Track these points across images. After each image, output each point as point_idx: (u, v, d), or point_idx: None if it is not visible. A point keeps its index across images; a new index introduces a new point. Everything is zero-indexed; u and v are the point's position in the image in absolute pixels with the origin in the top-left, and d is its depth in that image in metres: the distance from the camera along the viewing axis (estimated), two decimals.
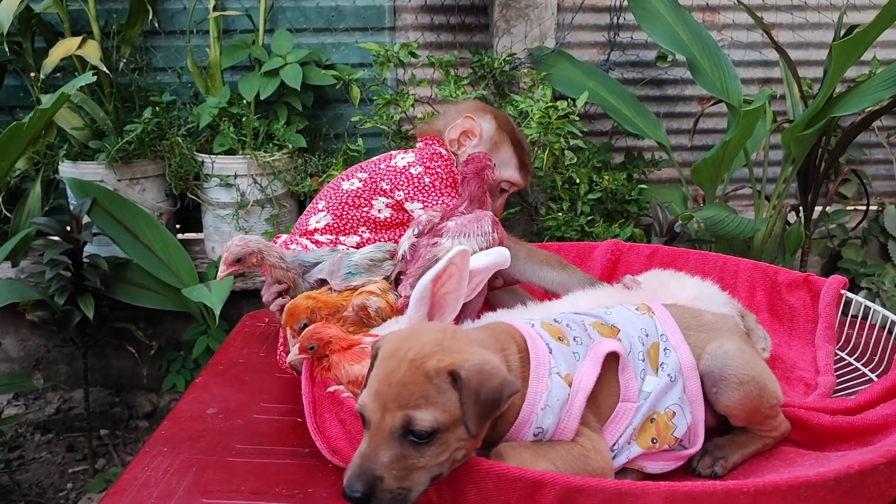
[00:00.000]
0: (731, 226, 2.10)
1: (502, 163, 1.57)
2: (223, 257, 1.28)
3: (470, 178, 1.39)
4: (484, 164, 1.40)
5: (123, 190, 2.46)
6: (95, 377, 2.66)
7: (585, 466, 0.97)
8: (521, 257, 1.41)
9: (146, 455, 1.15)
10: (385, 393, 0.90)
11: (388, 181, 1.50)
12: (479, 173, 1.39)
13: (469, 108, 1.63)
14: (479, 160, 1.40)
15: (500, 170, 1.54)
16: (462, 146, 1.58)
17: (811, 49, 2.82)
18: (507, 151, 1.59)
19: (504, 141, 1.58)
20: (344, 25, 2.70)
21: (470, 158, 1.42)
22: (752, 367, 1.07)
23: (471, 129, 1.57)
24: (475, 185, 1.38)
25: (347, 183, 1.53)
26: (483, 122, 1.59)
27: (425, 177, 1.49)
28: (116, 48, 2.54)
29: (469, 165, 1.40)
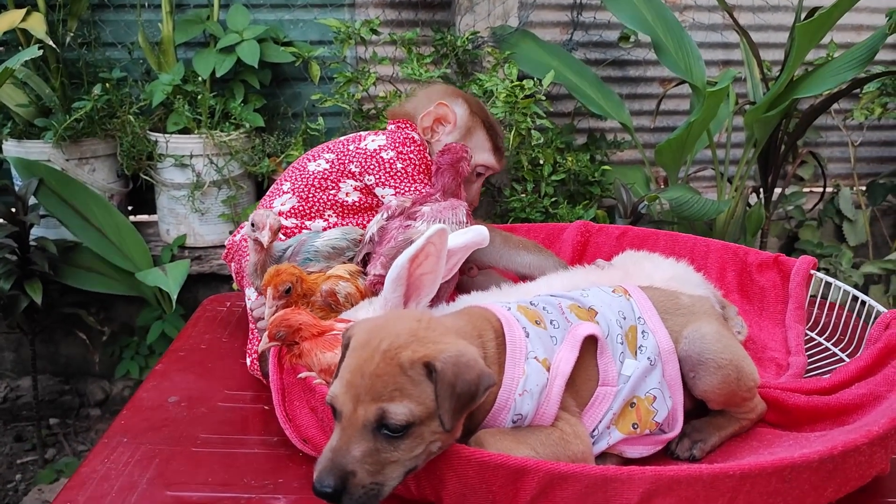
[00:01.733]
0: (696, 207, 2.10)
1: (476, 147, 1.54)
2: (269, 224, 1.20)
3: (444, 170, 1.35)
4: (460, 155, 1.36)
5: (72, 170, 2.36)
6: (44, 364, 2.56)
7: (566, 451, 0.95)
8: (497, 242, 1.39)
9: (105, 446, 1.10)
10: (357, 384, 0.86)
11: (358, 164, 1.45)
12: (454, 165, 1.35)
13: (440, 93, 1.58)
14: (456, 151, 1.37)
15: (474, 154, 1.51)
16: (436, 133, 1.54)
17: (770, 31, 2.84)
18: (480, 135, 1.55)
19: (477, 125, 1.55)
20: (302, 2, 2.63)
21: (446, 149, 1.38)
22: (729, 351, 1.06)
23: (444, 115, 1.53)
24: (449, 177, 1.35)
25: (314, 164, 1.47)
26: (456, 108, 1.55)
27: (397, 162, 1.45)
28: (63, 21, 2.42)
29: (444, 156, 1.36)
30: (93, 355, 2.51)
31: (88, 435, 2.50)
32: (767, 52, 2.75)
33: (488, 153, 1.56)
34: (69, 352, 2.59)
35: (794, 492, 0.87)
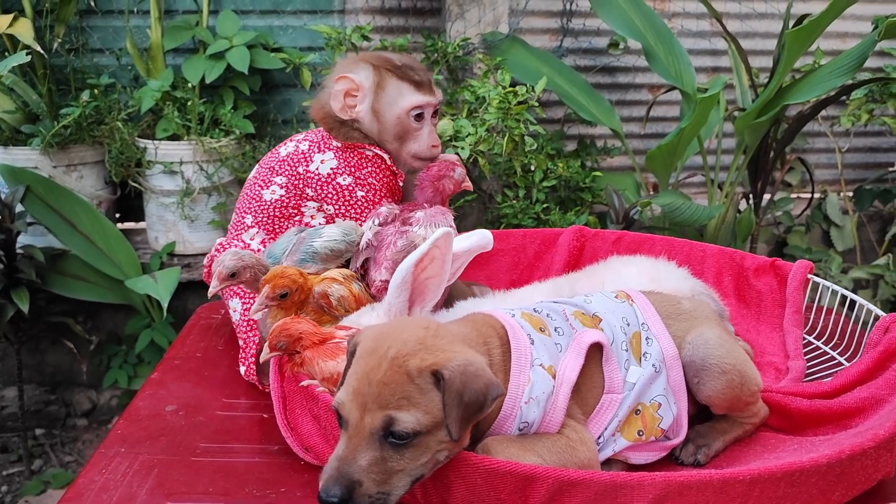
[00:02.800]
0: (688, 213, 2.11)
1: (397, 95, 1.44)
2: (217, 272, 1.21)
3: (426, 186, 1.34)
4: (442, 173, 1.34)
5: (59, 177, 2.33)
6: (30, 374, 2.53)
7: (572, 458, 0.94)
8: None
9: (102, 456, 1.08)
10: (365, 392, 0.85)
11: (314, 189, 1.40)
12: (434, 182, 1.34)
13: (339, 68, 1.49)
14: (440, 167, 1.35)
15: (400, 102, 1.43)
16: (352, 108, 1.44)
17: (757, 38, 2.87)
18: (393, 84, 1.44)
19: (385, 76, 1.45)
20: (292, 8, 2.62)
21: (431, 165, 1.36)
22: (733, 356, 1.06)
23: (348, 88, 1.44)
24: (430, 192, 1.34)
25: (268, 192, 1.42)
26: (359, 73, 1.45)
27: (357, 190, 1.40)
28: (50, 27, 2.40)
29: (428, 172, 1.35)
30: (80, 364, 2.48)
31: (75, 445, 2.46)
32: (755, 58, 2.77)
33: (411, 93, 1.44)
34: (56, 361, 2.56)
35: (803, 496, 0.87)
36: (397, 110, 1.42)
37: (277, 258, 1.27)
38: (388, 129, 1.44)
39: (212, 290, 1.22)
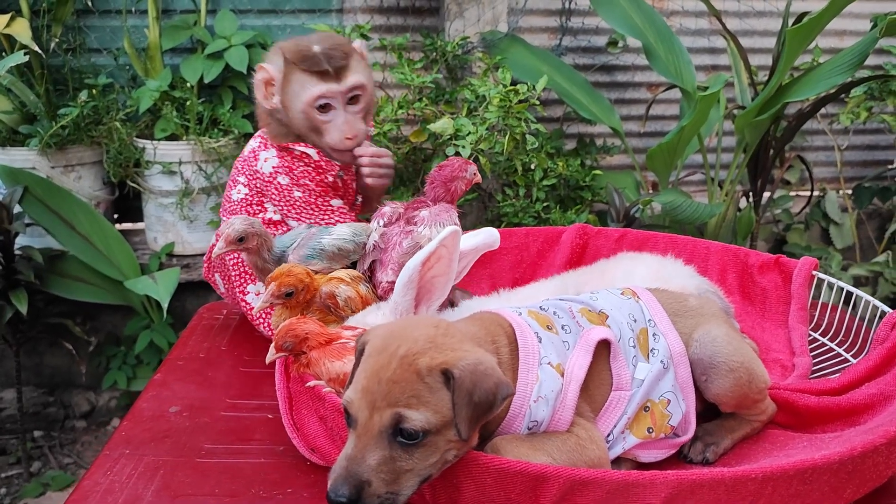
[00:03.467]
0: (689, 211, 2.11)
1: (299, 88, 1.40)
2: (225, 234, 1.20)
3: (437, 185, 1.33)
4: (455, 174, 1.33)
5: (57, 178, 2.32)
6: (28, 376, 2.51)
7: (583, 457, 0.94)
8: None
9: (107, 458, 1.07)
10: (374, 390, 0.84)
11: (263, 189, 1.41)
12: (447, 183, 1.33)
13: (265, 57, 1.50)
14: (453, 168, 1.34)
15: (301, 95, 1.40)
16: (273, 97, 1.43)
17: (756, 37, 2.86)
18: (296, 76, 1.41)
19: (290, 67, 1.42)
20: (290, 7, 2.61)
21: (444, 164, 1.36)
22: (740, 354, 1.06)
23: (266, 78, 1.42)
24: (441, 192, 1.33)
25: (235, 192, 1.43)
26: (273, 63, 1.43)
27: (295, 190, 1.40)
28: (47, 27, 2.39)
29: (441, 171, 1.34)
30: (79, 366, 2.46)
31: (74, 447, 2.45)
32: (753, 56, 2.77)
33: (312, 84, 1.40)
34: (54, 363, 2.54)
35: (814, 493, 0.87)
36: (300, 104, 1.40)
37: (283, 249, 1.26)
38: (299, 123, 1.42)
39: (217, 251, 1.21)
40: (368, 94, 1.44)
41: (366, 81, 1.43)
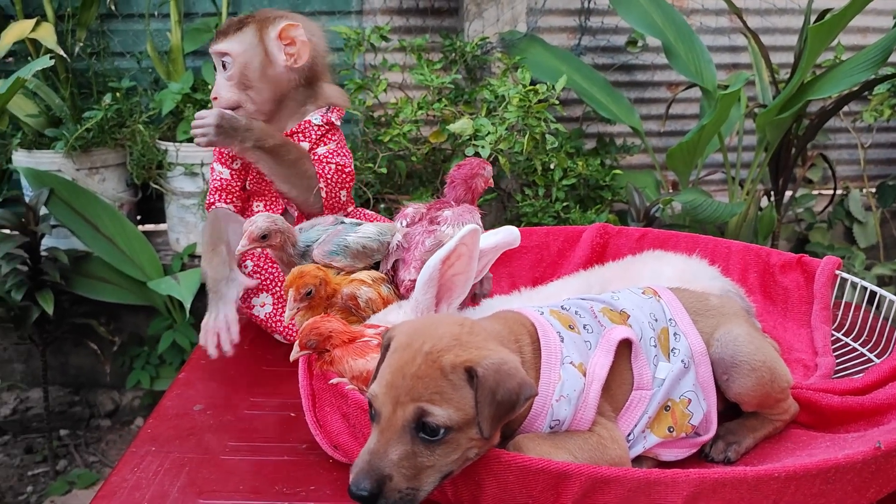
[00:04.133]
0: (710, 210, 2.10)
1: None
2: (248, 231, 1.21)
3: (458, 184, 1.34)
4: (475, 172, 1.34)
5: (82, 180, 2.35)
6: (54, 375, 2.55)
7: (604, 456, 0.94)
8: None
9: (133, 455, 1.09)
10: (398, 385, 0.85)
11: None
12: (468, 181, 1.34)
13: None
14: (472, 166, 1.35)
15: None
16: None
17: (777, 34, 2.84)
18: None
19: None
20: (309, 9, 2.63)
21: (463, 163, 1.36)
22: (762, 353, 1.06)
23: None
24: (462, 191, 1.34)
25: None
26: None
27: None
28: (71, 32, 2.42)
29: (460, 170, 1.35)
30: (103, 365, 2.50)
31: (99, 446, 2.48)
32: (775, 54, 2.75)
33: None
34: (79, 362, 2.58)
35: (837, 493, 0.86)
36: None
37: (308, 244, 1.27)
38: None
39: (240, 248, 1.22)
40: (237, 64, 1.39)
41: (232, 51, 1.39)
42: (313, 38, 1.43)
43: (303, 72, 1.41)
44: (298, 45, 1.38)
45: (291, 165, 1.38)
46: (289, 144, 1.39)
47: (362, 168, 2.26)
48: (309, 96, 1.45)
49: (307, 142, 1.43)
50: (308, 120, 1.42)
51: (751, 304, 1.31)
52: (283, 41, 1.38)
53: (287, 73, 1.39)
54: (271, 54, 1.39)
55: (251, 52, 1.38)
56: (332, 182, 1.41)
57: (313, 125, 1.42)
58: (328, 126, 1.43)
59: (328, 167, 1.41)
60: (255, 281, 1.37)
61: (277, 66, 1.38)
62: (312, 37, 1.43)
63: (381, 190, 2.37)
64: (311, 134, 1.42)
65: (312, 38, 1.43)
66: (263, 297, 1.43)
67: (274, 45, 1.38)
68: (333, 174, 1.41)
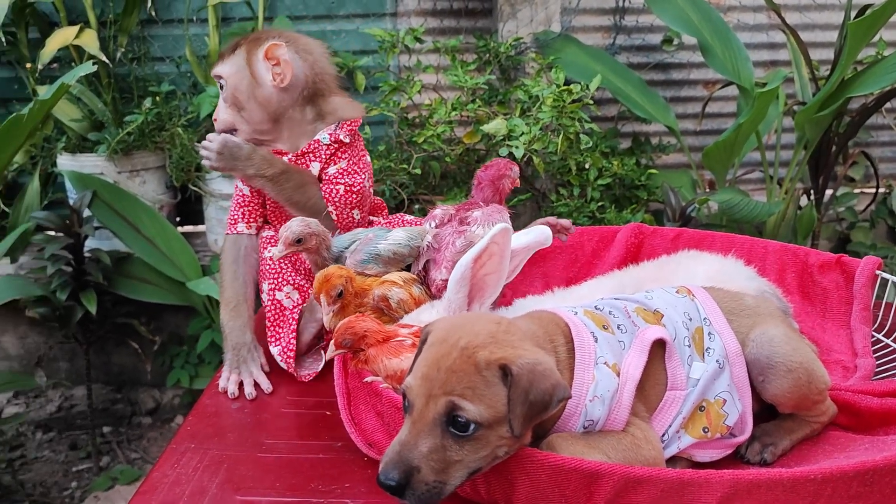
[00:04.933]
0: (746, 209, 2.08)
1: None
2: (283, 237, 1.23)
3: (485, 185, 1.34)
4: (502, 172, 1.34)
5: (123, 182, 2.40)
6: (97, 374, 2.61)
7: (638, 456, 0.94)
8: None
9: (174, 452, 1.11)
10: (432, 378, 0.86)
11: None
12: (495, 182, 1.34)
13: None
14: (499, 167, 1.35)
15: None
16: None
17: (817, 31, 2.80)
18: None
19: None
20: (344, 12, 2.65)
21: (490, 164, 1.36)
22: (799, 354, 1.04)
23: None
24: (490, 192, 1.34)
25: None
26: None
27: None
28: (113, 38, 2.48)
29: (487, 171, 1.35)
30: (144, 364, 2.55)
31: (141, 443, 2.53)
32: (814, 51, 2.70)
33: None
34: (121, 361, 2.64)
35: (875, 496, 0.85)
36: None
37: (341, 250, 1.29)
38: None
39: (277, 253, 1.23)
40: (230, 87, 1.40)
41: (225, 74, 1.40)
42: (310, 56, 1.42)
43: (298, 90, 1.41)
44: (282, 65, 1.38)
45: (294, 192, 1.39)
46: (290, 172, 1.39)
47: (396, 169, 2.28)
48: (317, 114, 1.44)
49: (318, 161, 1.42)
50: (317, 140, 1.42)
51: (788, 304, 1.30)
52: (269, 61, 1.39)
53: (277, 93, 1.39)
54: (258, 76, 1.38)
55: (240, 74, 1.39)
56: (342, 204, 1.41)
57: (322, 145, 1.42)
58: (337, 144, 1.43)
59: (336, 189, 1.41)
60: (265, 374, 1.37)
61: (265, 87, 1.38)
62: (309, 54, 1.42)
63: (416, 191, 2.38)
64: (320, 154, 1.42)
65: (309, 56, 1.42)
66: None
67: (261, 66, 1.38)
68: (342, 196, 1.41)
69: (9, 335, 2.57)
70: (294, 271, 1.42)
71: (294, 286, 1.40)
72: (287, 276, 1.41)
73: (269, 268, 1.42)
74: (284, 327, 1.35)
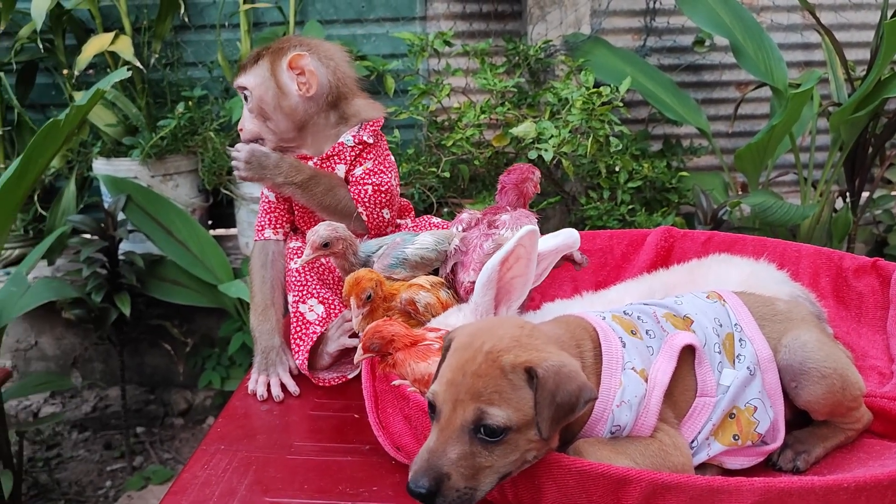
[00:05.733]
0: (780, 212, 2.05)
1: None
2: (311, 241, 1.24)
3: (509, 190, 1.34)
4: (525, 176, 1.34)
5: (157, 186, 2.44)
6: (131, 374, 2.65)
7: (665, 462, 0.93)
8: None
9: (204, 453, 1.13)
10: (458, 383, 0.86)
11: None
12: (519, 185, 1.34)
13: None
14: (522, 171, 1.34)
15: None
16: None
17: (852, 30, 2.75)
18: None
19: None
20: (374, 16, 2.67)
21: (512, 169, 1.36)
22: (833, 360, 1.03)
23: None
24: (514, 197, 1.34)
25: None
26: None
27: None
28: (147, 44, 2.52)
29: (510, 175, 1.35)
30: (177, 366, 2.58)
31: (173, 443, 2.57)
32: (850, 51, 2.66)
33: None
34: (154, 362, 2.67)
35: None
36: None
37: (368, 255, 1.29)
38: None
39: (304, 258, 1.24)
40: (255, 98, 1.40)
41: (248, 84, 1.40)
42: (331, 62, 1.43)
43: (323, 97, 1.42)
44: (307, 75, 1.39)
45: (324, 196, 1.40)
46: (318, 177, 1.40)
47: (425, 172, 2.28)
48: (340, 117, 1.45)
49: (343, 164, 1.43)
50: (341, 142, 1.43)
51: (822, 309, 1.28)
52: (294, 71, 1.39)
53: (303, 102, 1.40)
54: (284, 86, 1.39)
55: (265, 85, 1.39)
56: (371, 204, 1.42)
57: (346, 147, 1.43)
58: (361, 146, 1.44)
59: (364, 189, 1.41)
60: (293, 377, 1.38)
61: (291, 96, 1.39)
62: (331, 60, 1.43)
63: (445, 194, 2.38)
64: (345, 156, 1.43)
65: (331, 62, 1.43)
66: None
67: (286, 76, 1.39)
68: (371, 196, 1.41)
69: (46, 336, 2.63)
70: (320, 284, 1.42)
71: (319, 299, 1.39)
72: (312, 288, 1.41)
73: (294, 280, 1.42)
74: (305, 340, 1.36)
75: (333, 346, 1.33)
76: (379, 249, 1.29)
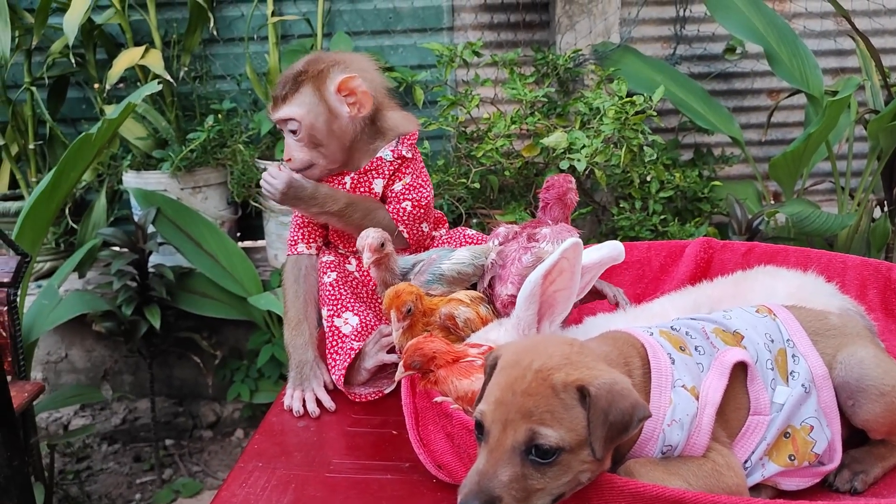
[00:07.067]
0: (818, 222, 2.01)
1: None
2: (367, 244, 1.21)
3: (553, 204, 1.32)
4: (566, 187, 1.32)
5: (186, 199, 2.44)
6: (160, 387, 2.65)
7: (719, 483, 0.90)
8: None
9: (241, 471, 1.11)
10: (508, 402, 0.84)
11: None
12: (563, 198, 1.32)
13: None
14: (561, 185, 1.32)
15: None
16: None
17: (888, 36, 2.71)
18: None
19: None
20: (402, 27, 2.66)
21: (550, 185, 1.33)
22: (891, 377, 0.99)
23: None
24: (558, 211, 1.31)
25: None
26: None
27: None
28: (177, 57, 2.53)
29: (550, 191, 1.33)
30: (206, 378, 2.58)
31: (202, 456, 2.56)
32: (886, 57, 2.62)
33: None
34: (183, 375, 2.67)
35: None
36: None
37: (406, 268, 1.28)
38: None
39: (367, 261, 1.22)
40: (304, 127, 1.36)
41: (296, 115, 1.35)
42: (367, 76, 1.40)
43: (367, 114, 1.40)
44: (359, 96, 1.36)
45: (362, 220, 1.38)
46: (355, 204, 1.38)
47: (455, 183, 2.26)
48: (376, 132, 1.43)
49: (381, 178, 1.42)
50: (380, 157, 1.41)
51: (872, 322, 1.24)
52: (342, 93, 1.37)
53: (352, 122, 1.38)
54: (335, 109, 1.36)
55: (315, 112, 1.36)
56: (410, 220, 1.40)
57: (385, 161, 1.41)
58: (400, 160, 1.42)
59: (403, 207, 1.40)
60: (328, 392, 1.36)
61: (342, 118, 1.37)
62: (366, 74, 1.40)
63: (474, 205, 2.36)
64: (384, 171, 1.41)
65: (367, 77, 1.40)
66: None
67: (335, 99, 1.36)
68: (411, 212, 1.40)
69: (76, 349, 2.63)
70: (354, 297, 1.41)
71: (354, 312, 1.38)
72: (346, 302, 1.39)
73: (328, 294, 1.40)
74: (342, 355, 1.34)
75: (371, 362, 1.31)
76: (416, 266, 1.27)
